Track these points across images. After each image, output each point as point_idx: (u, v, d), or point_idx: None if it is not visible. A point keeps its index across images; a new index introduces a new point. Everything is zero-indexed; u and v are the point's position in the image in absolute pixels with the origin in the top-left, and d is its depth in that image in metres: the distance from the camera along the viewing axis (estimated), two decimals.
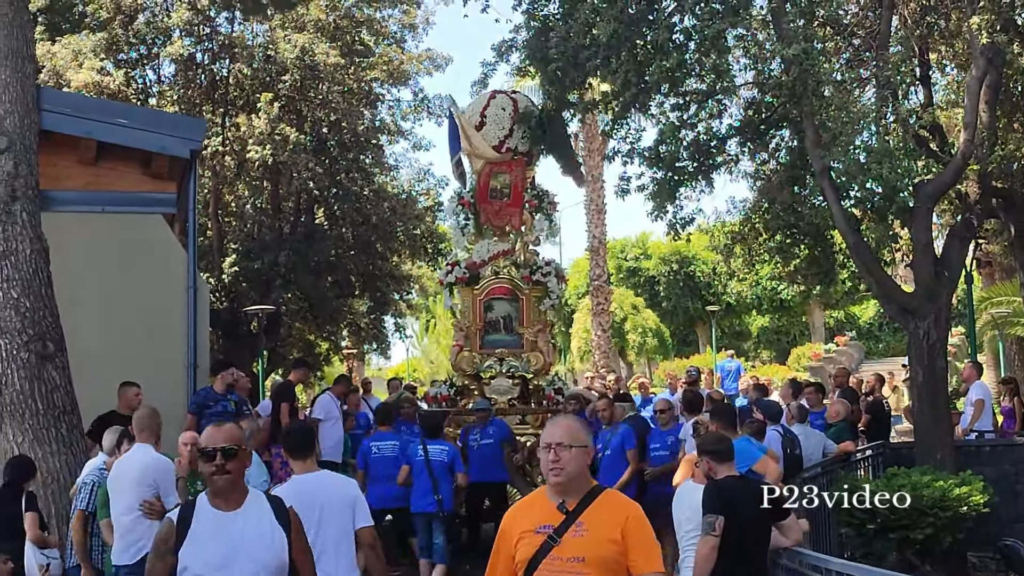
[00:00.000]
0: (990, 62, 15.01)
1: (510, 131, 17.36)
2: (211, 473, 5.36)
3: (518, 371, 17.03)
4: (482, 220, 17.93)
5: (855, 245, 15.64)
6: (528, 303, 17.45)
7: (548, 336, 17.88)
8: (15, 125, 12.37)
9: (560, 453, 5.01)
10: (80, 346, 12.52)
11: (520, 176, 17.89)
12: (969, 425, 17.54)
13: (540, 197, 18.28)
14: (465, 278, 17.34)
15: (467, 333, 17.36)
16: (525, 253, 17.97)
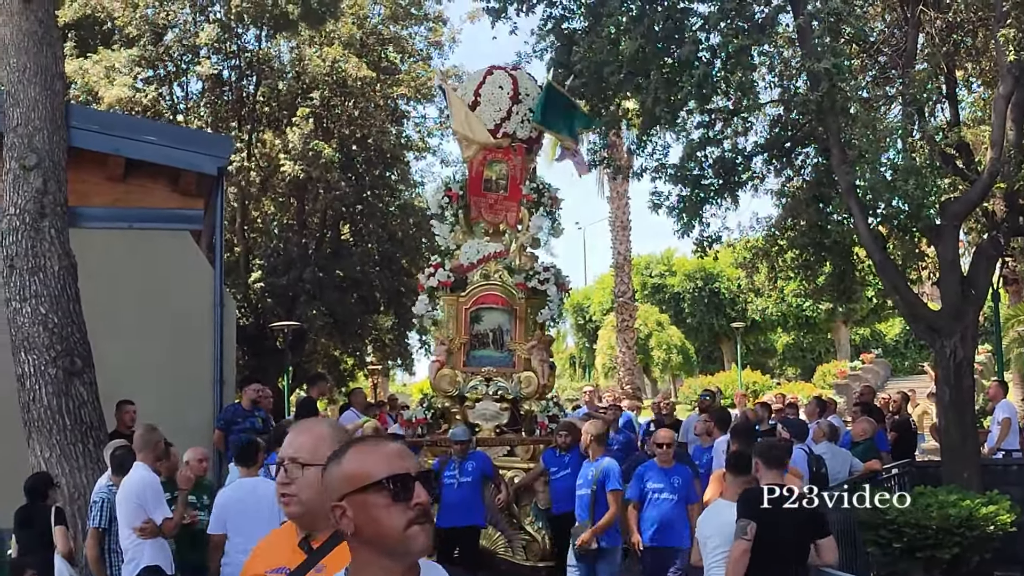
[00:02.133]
0: (1017, 80, 14.96)
1: (508, 113, 15.06)
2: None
3: (508, 393, 14.37)
4: (473, 216, 15.50)
5: (881, 263, 15.60)
6: (523, 314, 14.85)
7: (545, 354, 14.93)
8: (44, 142, 12.44)
9: (293, 473, 3.73)
10: (107, 362, 12.56)
11: (519, 166, 15.36)
12: (996, 444, 17.47)
13: (541, 191, 15.57)
14: (450, 283, 14.90)
15: (450, 347, 14.81)
16: (521, 256, 15.44)
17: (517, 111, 15.04)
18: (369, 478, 2.74)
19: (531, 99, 15.10)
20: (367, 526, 2.74)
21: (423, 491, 2.77)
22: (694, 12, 15.46)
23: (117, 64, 27.80)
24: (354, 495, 2.75)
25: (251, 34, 30.20)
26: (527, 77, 15.73)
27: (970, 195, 15.53)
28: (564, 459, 12.09)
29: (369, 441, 3.00)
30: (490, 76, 15.39)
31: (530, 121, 15.12)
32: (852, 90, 14.83)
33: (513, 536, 12.82)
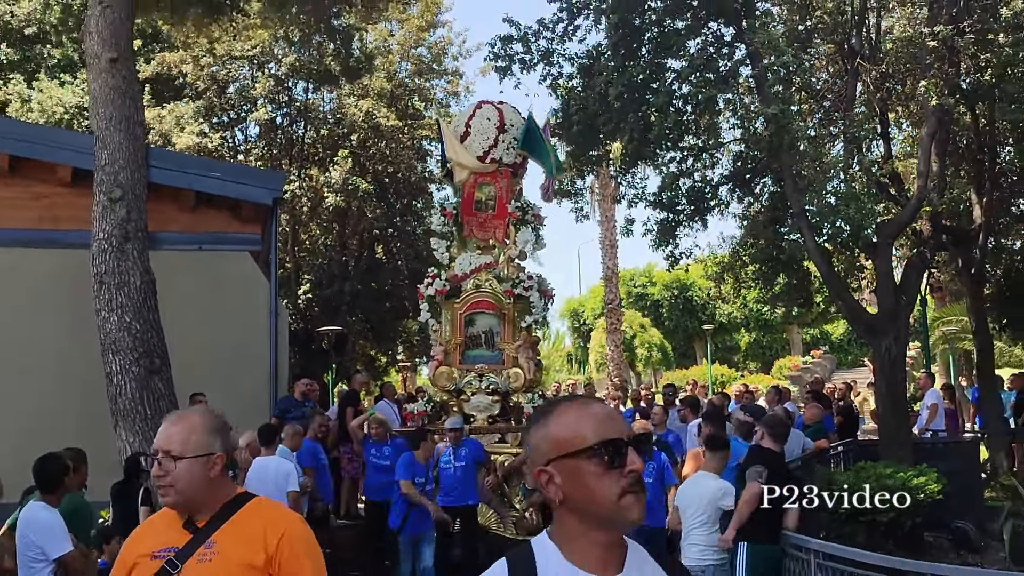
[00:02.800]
0: (939, 120, 14.97)
1: (495, 141, 14.80)
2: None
3: (499, 388, 14.09)
4: (465, 233, 15.22)
5: (827, 274, 15.59)
6: (511, 318, 14.54)
7: (531, 352, 14.52)
8: (127, 179, 12.50)
9: (166, 465, 3.31)
10: (181, 361, 12.59)
11: (505, 188, 15.08)
12: (925, 425, 17.46)
13: (524, 209, 15.14)
14: (446, 291, 14.56)
15: (447, 348, 14.45)
16: (508, 267, 15.00)
17: (503, 139, 14.83)
18: (581, 442, 2.30)
19: (515, 129, 14.85)
20: (577, 494, 2.31)
21: (636, 457, 2.34)
22: (668, 66, 15.48)
23: (186, 114, 27.89)
24: (563, 460, 2.31)
25: (300, 87, 30.26)
26: (511, 109, 15.32)
27: (901, 217, 15.51)
28: None
29: (576, 403, 2.45)
30: (479, 109, 15.22)
31: (514, 148, 14.90)
32: (800, 130, 14.83)
33: (504, 513, 12.39)
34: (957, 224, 17.87)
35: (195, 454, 3.30)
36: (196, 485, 3.29)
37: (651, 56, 15.18)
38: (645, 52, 15.16)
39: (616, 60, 14.97)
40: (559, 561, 2.36)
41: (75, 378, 13.25)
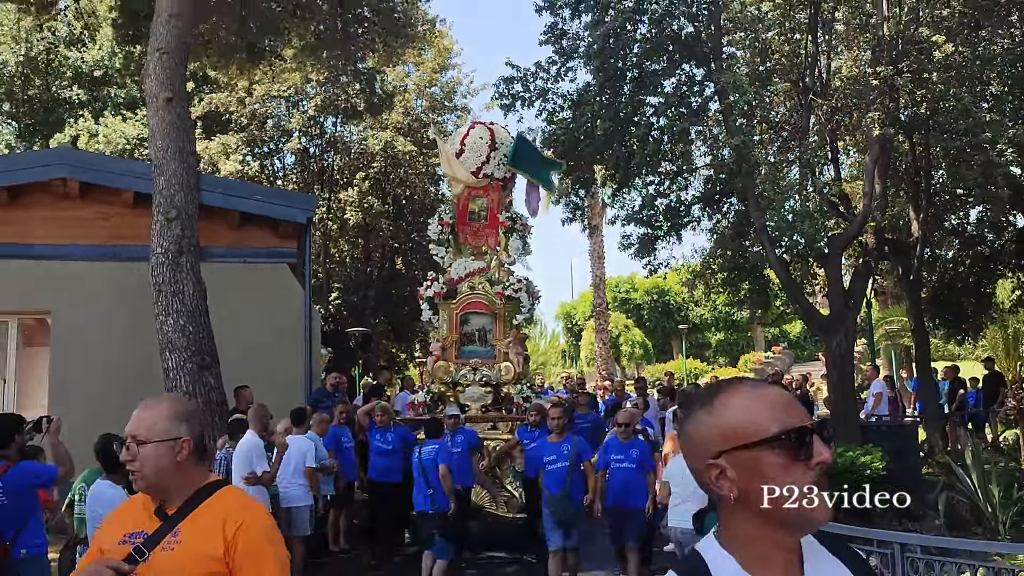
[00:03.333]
0: (882, 148, 15.01)
1: (487, 158, 14.45)
2: None
3: (491, 380, 13.82)
4: (461, 240, 14.87)
5: (785, 281, 15.64)
6: (501, 317, 14.23)
7: (519, 347, 14.20)
8: (182, 201, 12.53)
9: (133, 450, 3.02)
10: (228, 358, 12.60)
11: (496, 200, 14.74)
12: (870, 411, 17.49)
13: (513, 219, 14.81)
14: (443, 293, 14.35)
15: (444, 344, 14.18)
16: (500, 271, 14.62)
17: (494, 156, 14.47)
18: (760, 432, 1.78)
19: (505, 147, 14.52)
20: (757, 490, 1.77)
21: (824, 447, 1.79)
22: (647, 102, 15.55)
23: (231, 145, 27.97)
24: (738, 452, 1.79)
25: (329, 121, 30.34)
26: (502, 129, 15.07)
27: (849, 232, 15.55)
28: (534, 434, 11.36)
29: (745, 386, 1.90)
30: (472, 129, 14.94)
31: (504, 164, 14.53)
32: (761, 157, 14.91)
33: (496, 493, 12.19)
34: (897, 237, 17.91)
35: (161, 439, 2.99)
36: (163, 470, 2.98)
37: (632, 94, 15.25)
38: (627, 90, 15.23)
39: (602, 97, 15.05)
40: (736, 571, 1.83)
41: (137, 373, 13.27)
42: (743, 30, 15.99)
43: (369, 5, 18.99)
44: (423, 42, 25.05)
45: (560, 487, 9.22)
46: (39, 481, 6.21)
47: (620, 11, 14.64)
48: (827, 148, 17.13)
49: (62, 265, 14.39)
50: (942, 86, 13.95)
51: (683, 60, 15.45)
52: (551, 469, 9.42)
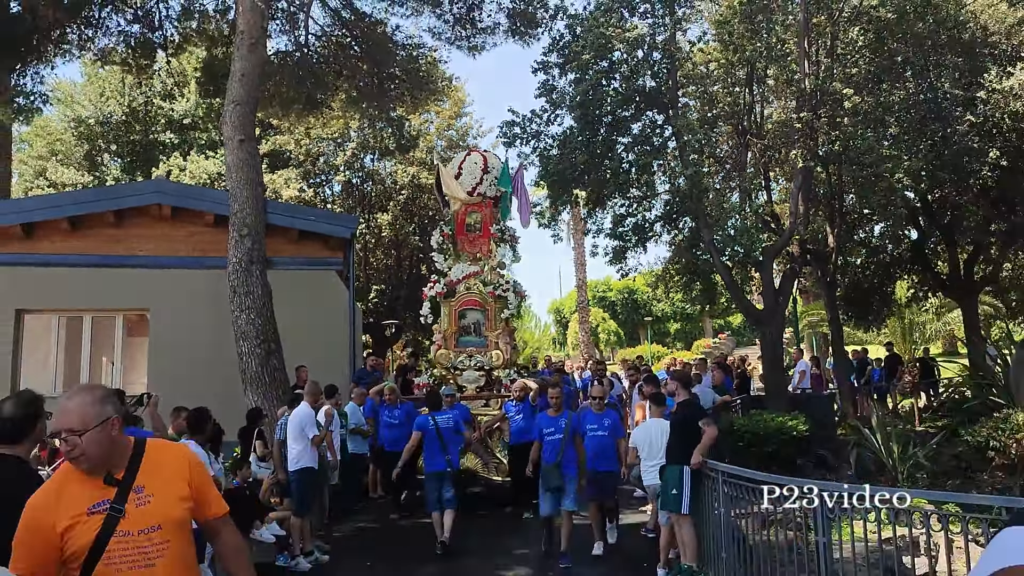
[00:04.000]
0: (804, 177, 15.04)
1: (480, 180, 14.18)
2: None
3: (484, 365, 13.44)
4: (459, 248, 14.43)
5: (729, 282, 15.65)
6: (492, 313, 13.83)
7: (508, 338, 13.85)
8: (252, 221, 12.56)
9: (72, 441, 2.68)
10: (289, 345, 12.65)
11: (489, 215, 14.32)
12: (796, 384, 17.48)
13: (503, 231, 14.54)
14: (444, 292, 13.99)
15: (445, 335, 13.77)
16: (491, 274, 14.10)
17: (486, 178, 14.20)
18: None
19: (495, 170, 14.24)
20: None
21: None
22: (618, 142, 15.56)
23: (290, 177, 28.00)
24: None
25: (367, 158, 30.34)
26: (493, 155, 14.89)
27: (779, 243, 15.56)
28: (519, 407, 10.94)
29: None
30: (469, 156, 14.79)
31: (495, 185, 14.20)
32: (709, 185, 14.93)
33: (488, 460, 11.63)
34: (817, 247, 17.90)
35: (97, 423, 2.70)
36: (105, 448, 2.72)
37: (606, 135, 15.25)
38: (602, 132, 15.22)
39: (583, 137, 15.04)
40: None
41: (217, 357, 13.30)
42: (694, 84, 16.04)
43: (399, 66, 19.02)
44: (442, 95, 25.05)
45: (553, 458, 8.46)
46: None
47: (597, 71, 14.65)
48: (761, 177, 17.17)
49: (158, 272, 14.45)
50: (852, 128, 13.98)
51: (647, 108, 15.47)
52: (549, 440, 8.62)
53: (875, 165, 13.73)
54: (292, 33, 18.56)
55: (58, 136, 32.01)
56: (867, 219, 18.36)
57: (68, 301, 14.36)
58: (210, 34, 18.53)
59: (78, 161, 31.30)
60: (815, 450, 13.75)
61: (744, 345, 47.16)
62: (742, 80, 15.58)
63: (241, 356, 12.06)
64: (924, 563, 7.06)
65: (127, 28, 17.86)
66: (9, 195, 20.74)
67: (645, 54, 14.91)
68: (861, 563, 5.85)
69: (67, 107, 32.06)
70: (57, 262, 14.26)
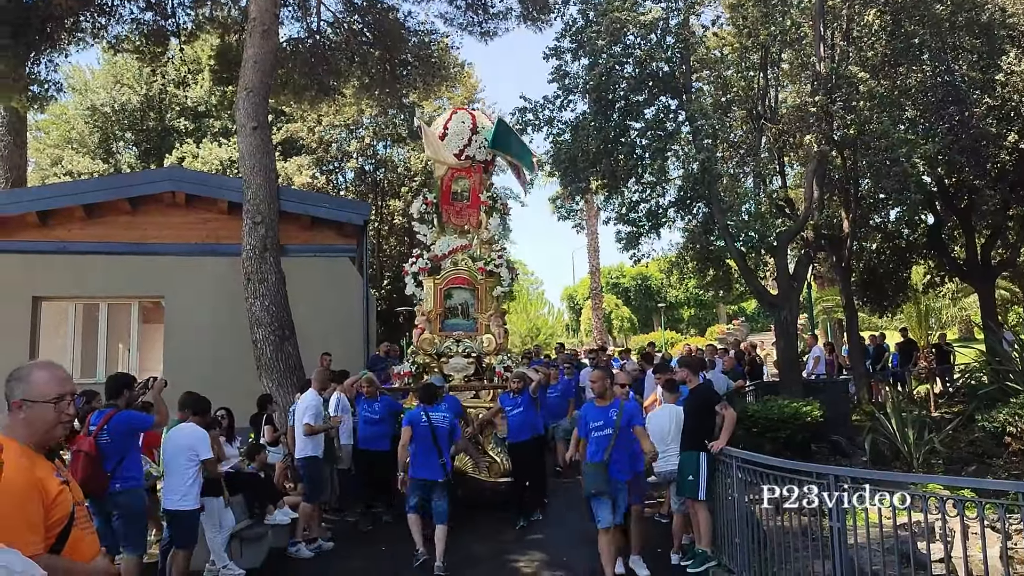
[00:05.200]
0: (819, 162, 14.94)
1: (469, 141, 12.26)
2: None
3: (473, 351, 11.64)
4: (444, 219, 12.56)
5: (743, 268, 15.58)
6: (483, 291, 12.03)
7: (500, 320, 12.16)
8: (266, 209, 12.59)
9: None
10: (303, 332, 12.69)
11: (478, 181, 12.50)
12: (810, 371, 17.41)
13: (494, 199, 12.70)
14: (427, 268, 12.15)
15: (428, 318, 11.98)
16: (482, 248, 12.33)
17: (476, 140, 12.26)
18: None
19: (486, 131, 12.32)
20: None
21: None
22: (631, 127, 15.48)
23: (303, 164, 28.03)
24: None
25: (380, 145, 30.34)
26: (482, 115, 13.19)
27: (793, 229, 15.47)
28: (517, 400, 9.73)
29: None
30: (455, 115, 12.71)
31: (485, 147, 12.31)
32: (723, 170, 14.84)
33: (479, 459, 10.05)
34: (831, 233, 17.80)
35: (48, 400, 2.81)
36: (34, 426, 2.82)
37: (619, 120, 15.17)
38: (615, 117, 15.15)
39: (595, 123, 14.97)
40: None
41: (231, 343, 13.38)
42: (708, 69, 15.92)
43: (411, 52, 18.97)
44: (454, 81, 24.96)
45: (600, 455, 7.11)
46: (138, 426, 6.29)
47: (610, 55, 14.56)
48: (775, 162, 17.06)
49: (172, 259, 14.50)
50: (867, 112, 13.86)
51: (660, 93, 15.38)
52: (596, 436, 7.22)
53: (891, 149, 13.61)
54: (304, 20, 18.54)
55: (73, 124, 32.16)
56: (883, 204, 18.22)
57: (84, 288, 14.44)
58: (223, 21, 18.52)
59: (93, 149, 31.43)
60: (830, 436, 13.72)
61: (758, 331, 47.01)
62: (756, 64, 15.47)
63: (255, 343, 12.12)
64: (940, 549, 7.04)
65: (140, 16, 17.87)
66: (25, 183, 20.85)
67: (658, 38, 14.81)
68: (876, 549, 5.83)
69: (82, 95, 32.18)
70: (73, 249, 14.34)
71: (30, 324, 14.08)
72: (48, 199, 14.59)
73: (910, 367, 18.30)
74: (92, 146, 31.58)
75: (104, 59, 31.72)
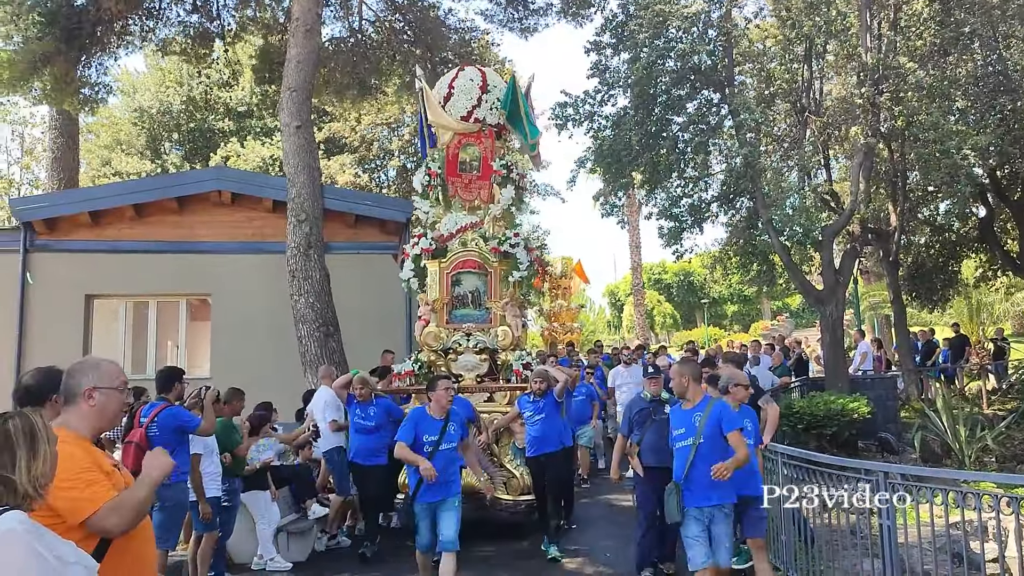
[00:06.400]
0: (865, 155, 14.68)
1: (478, 101, 10.41)
2: None
3: (486, 346, 9.80)
4: (451, 193, 10.60)
5: (788, 263, 15.39)
6: (496, 276, 10.11)
7: (517, 311, 10.27)
8: (310, 207, 12.75)
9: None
10: (347, 328, 12.82)
11: (489, 148, 10.57)
12: (857, 366, 17.16)
13: (509, 168, 10.53)
14: (431, 249, 10.17)
15: (433, 307, 10.11)
16: (495, 226, 10.33)
17: (486, 99, 10.42)
18: None
19: (498, 90, 10.54)
20: None
21: None
22: (673, 121, 15.38)
23: (346, 162, 28.29)
24: None
25: None
26: (493, 73, 11.26)
27: (838, 223, 15.24)
28: (539, 404, 8.15)
29: None
30: (462, 72, 10.78)
31: (497, 109, 10.45)
32: (766, 164, 14.68)
33: (494, 474, 8.52)
34: (878, 227, 17.51)
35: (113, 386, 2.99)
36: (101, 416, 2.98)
37: (661, 114, 15.08)
38: (657, 112, 15.06)
39: (637, 117, 14.89)
40: None
41: (276, 340, 13.56)
42: (751, 62, 15.75)
43: (452, 50, 19.05)
44: None
45: (680, 472, 5.61)
46: (185, 425, 6.31)
47: (651, 49, 14.47)
48: (820, 156, 16.83)
49: (219, 257, 14.75)
50: (916, 104, 13.61)
51: (702, 87, 15.26)
52: (677, 448, 5.72)
53: (940, 141, 13.33)
54: (346, 19, 18.74)
55: (121, 126, 32.86)
56: (932, 197, 17.88)
57: (134, 286, 14.76)
58: (266, 22, 18.78)
59: (141, 150, 32.08)
60: (878, 433, 13.52)
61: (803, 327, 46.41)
62: (800, 56, 15.26)
63: (300, 339, 12.27)
64: (993, 548, 6.89)
65: (186, 18, 18.22)
66: (77, 184, 21.37)
67: (700, 32, 14.69)
68: (927, 548, 5.74)
69: (129, 98, 32.87)
70: (123, 248, 14.66)
71: (83, 321, 14.43)
72: (99, 199, 14.94)
73: (961, 363, 17.95)
74: (140, 147, 32.23)
75: (150, 62, 32.35)
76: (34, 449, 2.31)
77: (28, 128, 33.72)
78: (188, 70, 29.12)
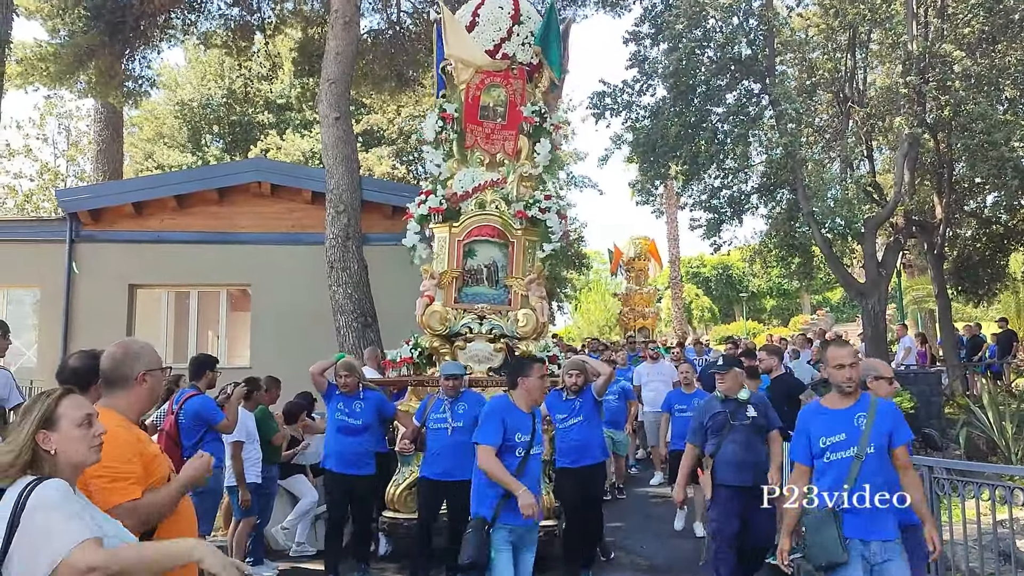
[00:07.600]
0: (910, 145, 14.44)
1: (508, 33, 8.63)
2: None
3: (502, 333, 8.03)
4: (468, 144, 8.80)
5: (829, 256, 15.19)
6: (520, 247, 8.35)
7: (542, 291, 8.31)
8: (348, 198, 12.82)
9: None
10: (385, 319, 12.85)
11: (519, 91, 8.78)
12: (900, 361, 16.88)
13: (543, 115, 8.69)
14: (441, 209, 8.46)
15: (440, 282, 8.44)
16: (520, 186, 8.54)
17: (518, 32, 8.69)
18: None
19: (532, 22, 8.88)
20: None
21: None
22: (713, 112, 15.23)
23: (384, 154, 28.43)
24: None
25: None
26: (527, 2, 9.11)
27: (881, 215, 15.01)
28: (573, 404, 6.46)
29: None
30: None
31: (531, 45, 8.77)
32: (808, 155, 14.50)
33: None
34: (923, 219, 17.20)
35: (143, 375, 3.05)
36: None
37: (700, 105, 14.95)
38: (696, 102, 14.93)
39: (676, 107, 14.78)
40: None
41: (316, 331, 13.64)
42: (792, 51, 15.53)
43: None
44: None
45: (835, 494, 4.15)
46: (206, 417, 6.29)
47: (691, 39, 14.34)
48: (863, 147, 16.57)
49: (259, 248, 14.87)
50: (963, 93, 13.32)
51: (742, 77, 15.09)
52: (833, 460, 4.18)
53: (988, 132, 13.04)
54: (384, 11, 18.78)
55: (163, 119, 33.35)
56: (979, 189, 17.50)
57: (176, 277, 14.95)
58: (305, 15, 18.91)
59: (182, 143, 32.53)
60: (921, 428, 13.26)
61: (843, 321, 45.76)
62: (843, 45, 15.02)
63: (339, 329, 12.36)
64: None
65: (227, 11, 18.41)
66: (121, 176, 21.74)
67: (740, 21, 14.52)
68: (972, 545, 5.63)
69: (171, 91, 33.33)
70: (166, 239, 14.87)
71: (127, 310, 14.68)
72: (143, 190, 15.16)
73: (1009, 358, 17.58)
74: (182, 140, 32.68)
75: (190, 56, 32.78)
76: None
77: (74, 121, 34.35)
78: (228, 63, 29.43)
